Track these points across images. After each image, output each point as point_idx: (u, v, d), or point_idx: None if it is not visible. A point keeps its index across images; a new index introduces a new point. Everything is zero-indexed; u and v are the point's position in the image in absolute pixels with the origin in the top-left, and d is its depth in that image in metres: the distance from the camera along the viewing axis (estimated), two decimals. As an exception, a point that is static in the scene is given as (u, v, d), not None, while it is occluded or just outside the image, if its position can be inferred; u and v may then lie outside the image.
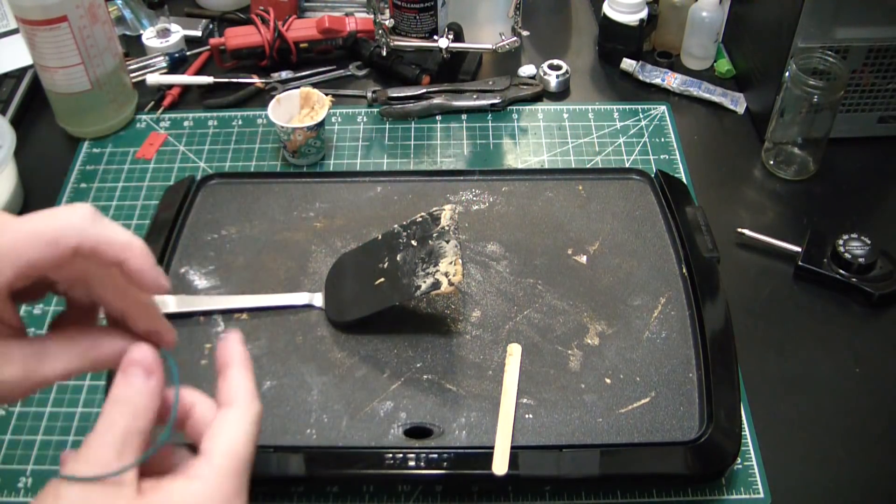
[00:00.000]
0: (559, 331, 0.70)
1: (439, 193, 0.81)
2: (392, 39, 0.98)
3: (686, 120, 0.96)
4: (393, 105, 0.95)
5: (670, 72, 0.99)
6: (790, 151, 0.89)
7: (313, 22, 1.02)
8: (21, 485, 0.64)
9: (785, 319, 0.75)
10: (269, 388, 0.66)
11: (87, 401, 0.69)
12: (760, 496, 0.63)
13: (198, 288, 0.73)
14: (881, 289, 0.75)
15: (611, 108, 0.97)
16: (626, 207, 0.80)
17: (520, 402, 0.64)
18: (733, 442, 0.62)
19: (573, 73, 1.00)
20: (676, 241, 0.76)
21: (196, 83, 0.99)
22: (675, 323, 0.70)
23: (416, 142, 0.93)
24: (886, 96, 0.88)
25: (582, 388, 0.66)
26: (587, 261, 0.75)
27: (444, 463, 0.60)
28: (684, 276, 0.73)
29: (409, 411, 0.64)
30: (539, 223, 0.79)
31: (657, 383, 0.66)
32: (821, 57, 0.81)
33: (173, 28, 1.04)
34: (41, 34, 0.83)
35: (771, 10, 0.91)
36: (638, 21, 0.98)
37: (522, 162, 0.90)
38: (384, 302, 0.67)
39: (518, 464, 0.60)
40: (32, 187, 0.87)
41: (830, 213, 0.84)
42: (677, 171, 0.88)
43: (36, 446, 0.66)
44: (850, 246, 0.76)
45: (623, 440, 0.62)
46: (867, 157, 0.90)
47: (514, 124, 0.95)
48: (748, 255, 0.81)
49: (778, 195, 0.87)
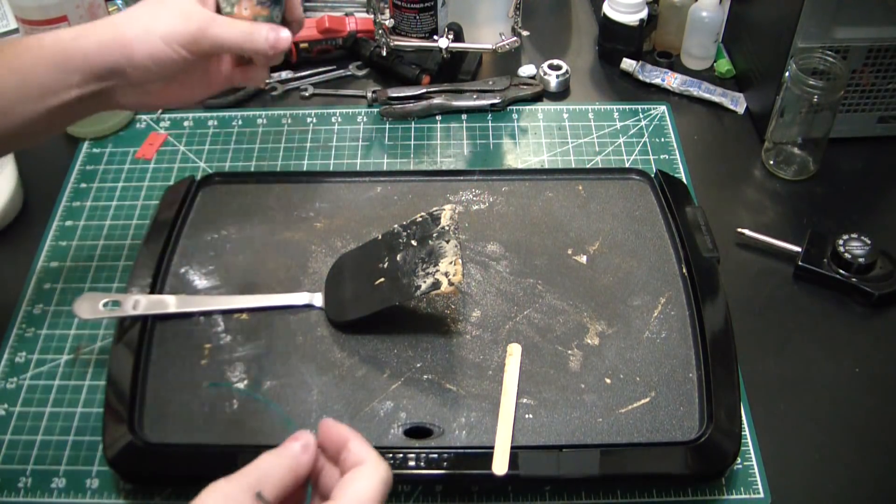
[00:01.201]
0: (559, 331, 0.70)
1: (439, 193, 0.81)
2: (392, 39, 0.98)
3: (686, 120, 0.96)
4: (393, 105, 0.95)
5: (670, 72, 0.99)
6: (790, 151, 0.89)
7: (313, 22, 1.02)
8: (21, 485, 0.64)
9: (785, 319, 0.75)
10: (269, 388, 0.66)
11: (87, 401, 0.69)
12: (760, 496, 0.63)
13: (198, 288, 0.73)
14: (881, 289, 0.75)
15: (611, 108, 0.97)
16: (626, 207, 0.80)
17: (520, 402, 0.65)
18: (733, 442, 0.62)
19: (573, 73, 1.00)
20: (676, 240, 0.76)
21: (196, 83, 0.99)
22: (675, 323, 0.70)
23: (416, 142, 0.93)
24: (886, 96, 0.88)
25: (582, 388, 0.66)
26: (587, 261, 0.75)
27: (444, 463, 0.60)
28: (684, 276, 0.73)
29: (409, 411, 0.64)
30: (539, 223, 0.79)
31: (657, 383, 0.66)
32: (821, 57, 0.81)
33: (173, 28, 1.03)
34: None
35: (771, 10, 0.91)
36: (638, 21, 0.98)
37: (522, 162, 0.90)
38: (384, 302, 0.67)
39: (518, 464, 0.60)
40: (32, 187, 0.87)
41: (830, 213, 0.84)
42: (677, 171, 0.88)
43: (36, 446, 0.66)
44: (850, 246, 0.76)
45: (623, 440, 0.63)
46: (867, 157, 0.90)
47: (514, 124, 0.95)
48: (748, 255, 0.81)
49: (778, 195, 0.87)
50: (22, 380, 0.71)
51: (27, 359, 0.72)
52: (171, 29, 0.61)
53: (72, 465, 0.65)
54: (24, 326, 0.75)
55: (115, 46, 0.61)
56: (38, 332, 0.74)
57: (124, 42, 0.61)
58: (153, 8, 0.62)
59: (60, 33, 0.62)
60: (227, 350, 0.68)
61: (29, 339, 0.74)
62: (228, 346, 0.68)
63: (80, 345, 0.73)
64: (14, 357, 0.72)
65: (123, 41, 0.61)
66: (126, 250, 0.81)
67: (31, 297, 0.77)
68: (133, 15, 0.62)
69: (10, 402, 0.69)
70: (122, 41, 0.61)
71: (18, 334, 0.74)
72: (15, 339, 0.74)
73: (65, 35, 0.61)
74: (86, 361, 0.72)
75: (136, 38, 0.61)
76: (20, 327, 0.74)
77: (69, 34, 0.61)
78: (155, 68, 0.62)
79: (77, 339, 0.73)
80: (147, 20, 0.61)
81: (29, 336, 0.74)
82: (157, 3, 0.62)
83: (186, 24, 0.61)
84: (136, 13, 0.62)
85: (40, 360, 0.72)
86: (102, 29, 0.62)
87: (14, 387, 0.70)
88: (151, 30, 0.61)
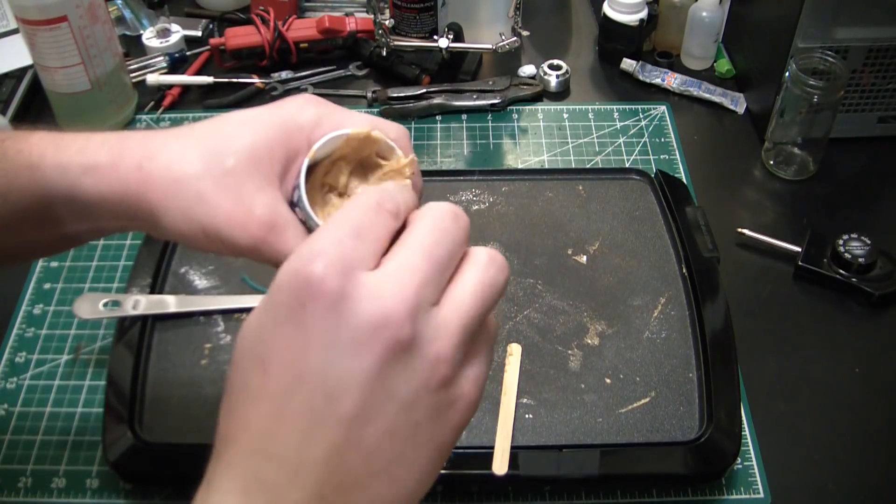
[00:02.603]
0: (559, 331, 0.70)
1: (439, 193, 0.81)
2: (392, 39, 0.98)
3: (686, 120, 0.96)
4: (393, 105, 0.95)
5: (670, 72, 0.99)
6: (790, 151, 0.89)
7: (313, 22, 1.02)
8: (21, 485, 0.64)
9: (785, 319, 0.75)
10: (269, 388, 0.66)
11: (87, 401, 0.69)
12: (760, 496, 0.63)
13: (198, 288, 0.73)
14: (881, 289, 0.75)
15: (611, 108, 0.97)
16: (626, 207, 0.80)
17: (520, 402, 0.64)
18: (733, 442, 0.62)
19: (573, 73, 1.00)
20: (676, 241, 0.76)
21: (196, 83, 0.99)
22: (675, 323, 0.70)
23: (416, 142, 0.93)
24: (886, 96, 0.88)
25: (582, 388, 0.66)
26: (587, 261, 0.75)
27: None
28: (684, 276, 0.73)
29: (409, 411, 0.64)
30: (539, 223, 0.79)
31: (657, 383, 0.66)
32: (821, 57, 0.81)
33: (173, 28, 1.04)
34: (41, 34, 0.83)
35: (771, 10, 0.91)
36: (638, 21, 0.98)
37: (522, 162, 0.90)
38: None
39: (518, 464, 0.60)
40: (32, 187, 0.87)
41: (830, 213, 0.84)
42: (677, 171, 0.88)
43: (36, 446, 0.66)
44: (850, 246, 0.76)
45: (623, 440, 0.63)
46: (867, 157, 0.90)
47: (514, 124, 0.95)
48: (748, 255, 0.81)
49: (778, 195, 0.87)
50: (22, 380, 0.71)
51: (27, 359, 0.72)
52: (219, 229, 0.41)
53: (72, 465, 0.65)
54: (24, 326, 0.75)
55: (137, 215, 0.43)
56: (38, 332, 0.74)
57: (151, 220, 0.43)
58: (200, 180, 0.42)
59: (69, 167, 0.44)
60: (227, 350, 0.68)
61: (29, 339, 0.74)
62: (228, 346, 0.68)
63: (80, 345, 0.73)
64: (14, 357, 0.72)
65: (149, 216, 0.43)
66: (126, 250, 0.81)
67: (31, 297, 0.77)
68: (172, 182, 0.42)
69: (10, 402, 0.69)
70: (146, 213, 0.43)
71: (18, 334, 0.74)
72: (15, 339, 0.74)
73: (73, 173, 0.43)
74: (86, 361, 0.72)
75: (170, 226, 0.43)
76: (20, 327, 0.74)
77: (77, 169, 0.43)
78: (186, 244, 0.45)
79: (77, 339, 0.73)
80: (190, 198, 0.42)
81: (29, 336, 0.74)
82: (207, 168, 0.42)
83: (243, 229, 0.41)
84: (176, 177, 0.42)
85: (40, 360, 0.72)
86: (123, 184, 0.43)
87: (14, 387, 0.70)
88: (193, 218, 0.42)
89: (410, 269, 0.35)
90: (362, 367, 0.33)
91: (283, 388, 0.34)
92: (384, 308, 0.33)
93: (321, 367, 0.33)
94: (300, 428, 0.33)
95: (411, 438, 0.35)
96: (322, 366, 0.33)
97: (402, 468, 0.35)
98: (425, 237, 0.36)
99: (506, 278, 0.38)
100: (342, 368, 0.33)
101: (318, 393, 0.33)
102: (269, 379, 0.34)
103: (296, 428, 0.33)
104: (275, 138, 0.42)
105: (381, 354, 0.33)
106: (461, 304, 0.36)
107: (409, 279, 0.34)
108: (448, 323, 0.35)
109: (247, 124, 0.43)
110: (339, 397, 0.33)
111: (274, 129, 0.43)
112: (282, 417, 0.34)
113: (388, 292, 0.34)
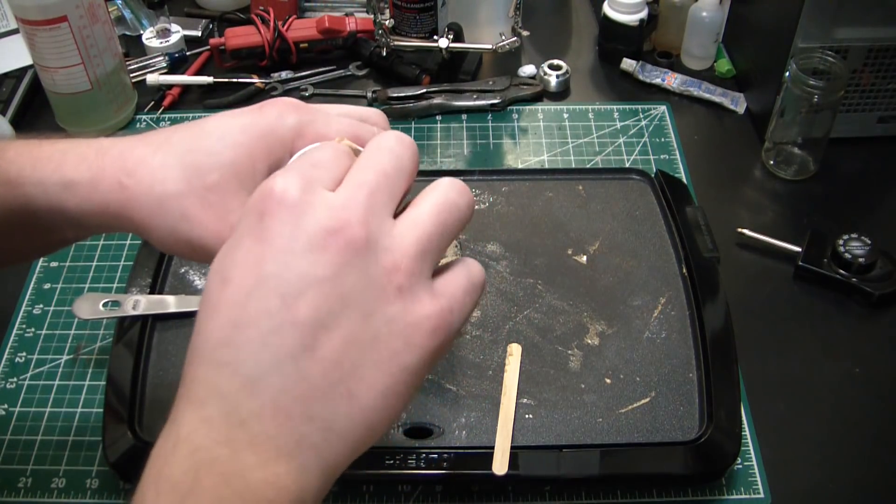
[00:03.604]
0: (559, 331, 0.70)
1: (439, 193, 0.81)
2: (392, 39, 0.98)
3: (686, 120, 0.96)
4: (393, 105, 0.95)
5: (670, 72, 0.99)
6: (790, 151, 0.89)
7: (313, 22, 1.02)
8: (21, 485, 0.64)
9: (785, 319, 0.75)
10: (269, 388, 0.66)
11: (87, 401, 0.69)
12: (760, 496, 0.63)
13: (198, 288, 0.73)
14: (881, 289, 0.75)
15: (611, 108, 0.97)
16: (626, 207, 0.80)
17: (520, 402, 0.64)
18: (733, 442, 0.62)
19: (573, 73, 1.00)
20: (676, 240, 0.76)
21: (196, 83, 0.99)
22: (675, 323, 0.70)
23: (417, 142, 0.92)
24: (886, 96, 0.88)
25: (582, 388, 0.66)
26: (587, 261, 0.75)
27: (444, 463, 0.60)
28: (684, 276, 0.73)
29: (409, 411, 0.64)
30: (539, 223, 0.79)
31: (657, 383, 0.66)
32: (821, 57, 0.81)
33: (173, 28, 1.04)
34: (41, 34, 0.83)
35: (771, 10, 0.91)
36: (638, 21, 0.98)
37: (522, 162, 0.90)
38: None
39: (518, 464, 0.60)
40: (32, 187, 0.87)
41: (830, 213, 0.84)
42: (677, 171, 0.88)
43: (36, 446, 0.66)
44: (850, 246, 0.76)
45: (623, 440, 0.62)
46: (867, 157, 0.90)
47: (514, 124, 0.95)
48: (748, 255, 0.81)
49: (778, 195, 0.87)
50: (22, 380, 0.71)
51: (27, 359, 0.72)
52: (206, 244, 0.43)
53: (72, 465, 0.65)
54: (24, 326, 0.75)
55: (123, 227, 0.44)
56: (38, 332, 0.74)
57: (138, 233, 0.45)
58: (183, 198, 0.43)
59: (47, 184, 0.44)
60: (227, 350, 0.68)
61: (29, 339, 0.74)
62: (228, 346, 0.68)
63: (80, 345, 0.73)
64: (14, 357, 0.72)
65: (136, 231, 0.44)
66: (126, 250, 0.81)
67: (31, 297, 0.77)
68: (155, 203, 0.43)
69: (10, 402, 0.69)
70: (132, 229, 0.44)
71: (18, 334, 0.74)
72: (15, 339, 0.74)
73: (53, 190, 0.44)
74: (86, 361, 0.72)
75: (156, 242, 0.44)
76: (20, 327, 0.74)
77: (55, 187, 0.44)
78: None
79: (77, 339, 0.73)
80: (175, 217, 0.42)
81: (29, 336, 0.74)
82: (189, 186, 0.43)
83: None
84: (159, 198, 0.43)
85: (40, 360, 0.72)
86: (104, 202, 0.44)
87: (14, 387, 0.70)
88: (180, 236, 0.43)
89: (360, 182, 0.37)
90: (317, 269, 0.34)
91: (241, 295, 0.35)
92: (339, 214, 0.35)
93: (277, 270, 0.34)
94: (256, 334, 0.34)
95: (370, 352, 0.35)
96: (278, 269, 0.34)
97: (363, 385, 0.35)
98: (373, 156, 0.39)
99: (467, 201, 0.41)
100: (298, 271, 0.34)
101: (274, 296, 0.34)
102: (227, 288, 0.35)
103: (251, 335, 0.34)
104: (256, 150, 0.44)
105: (335, 257, 0.34)
106: (417, 218, 0.38)
107: (359, 189, 0.37)
108: (404, 235, 0.37)
109: (226, 137, 0.44)
110: (295, 300, 0.34)
111: (255, 141, 0.44)
112: (238, 324, 0.34)
113: (341, 202, 0.36)
